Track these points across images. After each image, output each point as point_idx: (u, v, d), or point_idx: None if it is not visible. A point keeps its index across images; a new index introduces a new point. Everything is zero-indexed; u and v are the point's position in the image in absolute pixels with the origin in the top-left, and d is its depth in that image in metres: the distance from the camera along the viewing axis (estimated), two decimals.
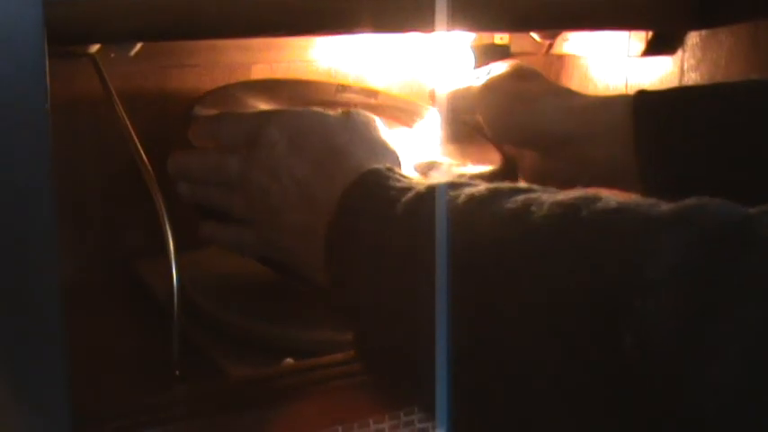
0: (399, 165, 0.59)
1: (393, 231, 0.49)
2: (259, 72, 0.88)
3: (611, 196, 0.43)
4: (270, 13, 0.58)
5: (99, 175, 0.82)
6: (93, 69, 0.69)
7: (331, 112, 0.62)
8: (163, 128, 0.83)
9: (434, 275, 0.45)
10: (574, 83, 0.94)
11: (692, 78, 0.81)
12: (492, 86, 0.77)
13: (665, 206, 0.39)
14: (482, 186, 0.48)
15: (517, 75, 0.77)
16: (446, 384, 0.44)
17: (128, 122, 0.66)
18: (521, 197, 0.45)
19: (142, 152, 0.63)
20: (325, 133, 0.59)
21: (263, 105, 0.78)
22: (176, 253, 0.58)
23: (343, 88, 0.88)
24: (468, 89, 0.80)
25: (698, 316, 0.35)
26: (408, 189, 0.51)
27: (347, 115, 0.62)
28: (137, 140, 0.64)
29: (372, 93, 0.89)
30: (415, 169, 0.69)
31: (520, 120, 0.75)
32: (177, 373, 0.58)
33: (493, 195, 0.46)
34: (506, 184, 0.48)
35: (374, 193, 0.52)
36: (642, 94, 0.68)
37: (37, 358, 0.42)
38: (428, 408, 0.46)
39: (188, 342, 0.62)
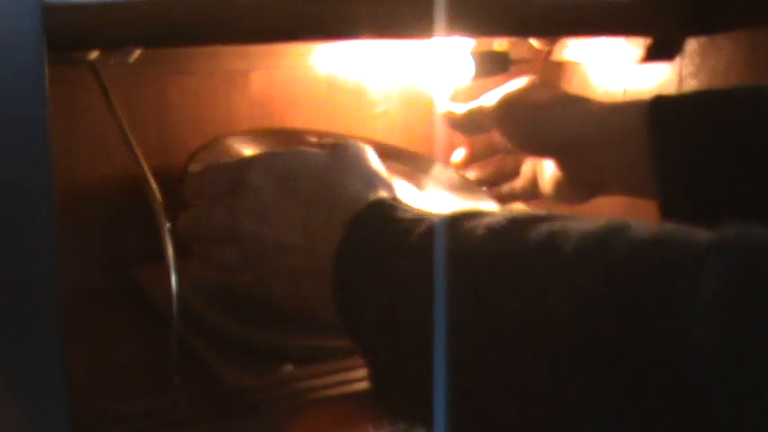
0: (395, 193, 0.57)
1: (408, 263, 0.48)
2: (257, 78, 0.88)
3: (639, 225, 0.41)
4: (268, 20, 0.58)
5: (99, 181, 0.82)
6: (92, 76, 0.69)
7: (316, 149, 0.60)
8: (162, 133, 0.83)
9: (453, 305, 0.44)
10: (573, 89, 0.94)
11: (690, 85, 0.81)
12: (509, 100, 0.77)
13: (702, 235, 0.38)
14: (499, 216, 0.46)
15: (533, 87, 0.77)
16: (444, 402, 0.44)
17: (127, 129, 0.66)
18: (543, 227, 0.43)
19: (141, 158, 0.63)
20: (315, 170, 0.57)
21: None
22: (176, 260, 0.58)
23: (331, 136, 0.88)
24: (480, 108, 0.79)
25: (742, 348, 0.34)
26: (420, 220, 0.50)
27: (336, 147, 0.60)
28: (136, 147, 0.64)
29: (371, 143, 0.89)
30: None
31: (537, 127, 0.74)
32: (176, 380, 0.58)
33: (513, 226, 0.45)
34: (524, 213, 0.46)
35: (384, 225, 0.51)
36: (658, 99, 0.67)
37: (37, 364, 0.42)
38: None
39: (187, 349, 0.62)
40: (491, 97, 0.78)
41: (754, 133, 0.63)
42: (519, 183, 0.85)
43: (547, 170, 0.78)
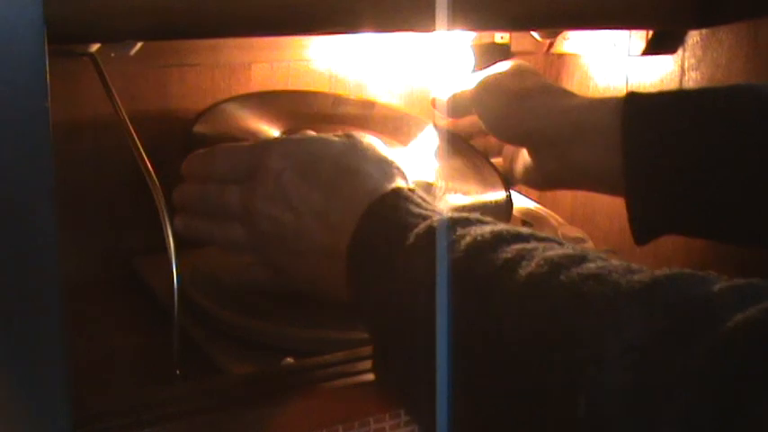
0: (409, 183, 0.59)
1: (402, 259, 0.50)
2: (259, 71, 0.88)
3: (598, 255, 0.43)
4: (270, 12, 0.58)
5: (100, 173, 0.82)
6: (93, 68, 0.69)
7: (332, 136, 0.62)
8: (163, 127, 0.83)
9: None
10: (574, 82, 0.94)
11: (692, 77, 0.81)
12: (488, 84, 0.77)
13: (638, 275, 0.40)
14: (487, 229, 0.48)
15: (515, 73, 0.76)
16: (446, 400, 0.45)
17: (128, 122, 0.66)
18: (517, 247, 0.45)
19: (143, 151, 0.63)
20: (334, 156, 0.59)
21: (261, 120, 0.79)
22: (177, 252, 0.58)
23: (340, 100, 0.88)
24: (464, 92, 0.79)
25: (642, 396, 0.36)
26: (423, 217, 0.51)
27: (351, 137, 0.61)
28: (137, 140, 0.64)
29: (369, 104, 0.89)
30: None
31: (512, 117, 0.74)
32: (178, 372, 0.58)
33: (495, 242, 0.47)
34: (510, 230, 0.48)
35: (391, 217, 0.53)
36: (632, 96, 0.67)
37: (38, 358, 0.42)
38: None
39: (189, 341, 0.62)
40: (472, 80, 0.78)
41: (721, 132, 0.63)
42: (500, 163, 0.85)
43: (522, 155, 0.78)
